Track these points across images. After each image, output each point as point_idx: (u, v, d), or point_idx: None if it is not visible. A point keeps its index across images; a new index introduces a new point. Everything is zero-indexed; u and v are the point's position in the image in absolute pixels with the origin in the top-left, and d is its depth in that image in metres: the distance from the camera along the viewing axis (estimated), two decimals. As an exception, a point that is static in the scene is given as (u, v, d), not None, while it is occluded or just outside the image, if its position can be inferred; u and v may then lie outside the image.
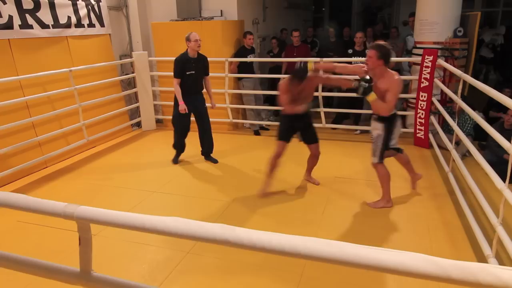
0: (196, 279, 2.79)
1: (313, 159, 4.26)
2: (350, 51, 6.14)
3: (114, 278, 1.40)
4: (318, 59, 5.81)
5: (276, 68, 6.96)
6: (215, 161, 5.13)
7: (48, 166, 5.10)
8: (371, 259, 0.80)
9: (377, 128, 3.57)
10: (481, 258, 2.80)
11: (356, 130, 6.19)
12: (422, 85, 5.29)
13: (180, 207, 4.00)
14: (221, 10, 6.43)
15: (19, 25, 4.82)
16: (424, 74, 5.24)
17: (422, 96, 5.32)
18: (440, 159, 4.61)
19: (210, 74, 5.02)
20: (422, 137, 5.43)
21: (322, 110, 5.91)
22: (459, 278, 0.78)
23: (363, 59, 5.99)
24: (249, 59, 6.21)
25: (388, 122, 3.56)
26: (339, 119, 6.44)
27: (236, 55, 6.29)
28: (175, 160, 5.15)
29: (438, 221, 3.47)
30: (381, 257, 0.81)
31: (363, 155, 5.21)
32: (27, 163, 4.65)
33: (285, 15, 9.14)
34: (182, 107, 4.66)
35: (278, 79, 6.41)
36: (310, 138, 4.11)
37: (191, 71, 4.71)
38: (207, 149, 5.17)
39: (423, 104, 5.33)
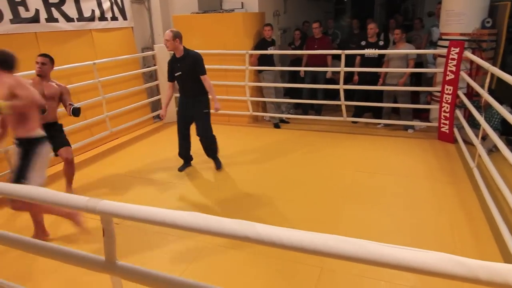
0: (215, 269, 2.83)
1: (66, 166, 3.95)
2: (363, 43, 6.03)
3: (137, 267, 1.44)
4: (339, 51, 5.74)
5: (297, 60, 6.90)
6: (217, 166, 4.65)
7: (74, 156, 5.22)
8: (395, 259, 0.80)
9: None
10: (507, 257, 2.73)
11: (379, 123, 6.09)
12: (447, 78, 5.15)
13: (199, 200, 4.04)
14: (241, 2, 6.40)
15: (45, 19, 4.93)
16: (450, 67, 5.09)
17: (447, 89, 5.18)
18: (465, 154, 4.50)
19: (231, 66, 4.96)
20: (447, 131, 5.30)
21: (343, 103, 5.84)
22: (487, 279, 0.76)
23: (376, 51, 5.89)
24: (269, 51, 6.17)
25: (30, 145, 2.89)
26: (359, 112, 6.35)
27: (256, 47, 6.26)
28: (180, 168, 4.68)
29: (462, 217, 3.39)
30: (405, 256, 0.80)
31: (385, 149, 5.14)
32: (52, 154, 4.77)
33: (306, 7, 9.02)
34: (161, 113, 4.47)
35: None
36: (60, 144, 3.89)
37: (178, 72, 4.31)
38: (207, 154, 4.68)
39: (448, 98, 5.19)
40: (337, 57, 6.90)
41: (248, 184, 4.26)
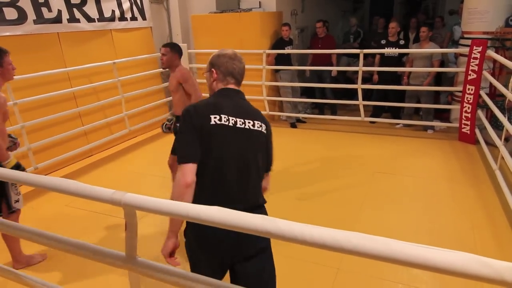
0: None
1: None
2: (383, 41, 5.95)
3: (157, 264, 1.45)
4: (358, 50, 5.68)
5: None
6: None
7: (93, 154, 5.33)
8: (419, 258, 0.78)
9: None
10: (531, 261, 2.65)
11: (398, 123, 6.00)
12: (469, 77, 5.03)
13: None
14: (259, 2, 6.41)
15: (67, 19, 5.04)
16: (472, 66, 4.97)
17: (469, 89, 5.07)
18: (487, 156, 4.38)
19: (248, 66, 4.96)
20: (468, 132, 5.18)
21: (360, 103, 5.78)
22: (514, 281, 0.74)
23: (396, 50, 5.80)
24: (286, 51, 6.16)
25: None
26: (378, 112, 6.27)
27: (273, 47, 6.25)
28: None
29: (483, 219, 3.31)
30: (429, 255, 0.78)
31: (405, 149, 5.06)
32: (74, 151, 4.89)
33: (324, 6, 8.95)
34: None
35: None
36: None
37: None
38: None
39: (470, 98, 5.07)
40: (354, 56, 6.85)
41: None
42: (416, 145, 5.20)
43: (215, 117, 1.67)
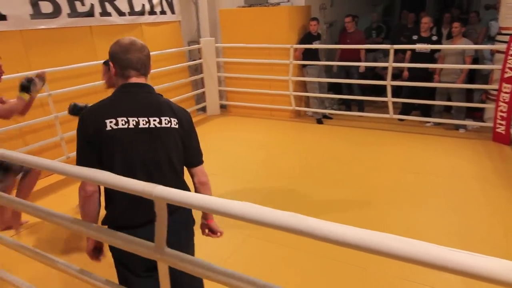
0: (255, 262, 2.85)
1: None
2: (414, 37, 5.77)
3: (185, 255, 1.47)
4: (388, 46, 5.54)
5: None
6: None
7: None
8: (460, 264, 0.75)
9: None
10: None
11: (428, 122, 5.83)
12: (506, 75, 4.82)
13: (243, 191, 4.07)
14: (288, -4, 6.35)
15: (99, 13, 5.15)
16: (509, 63, 4.76)
17: (505, 87, 4.86)
18: (523, 157, 4.21)
19: (275, 61, 4.96)
20: (503, 132, 4.98)
21: (389, 100, 5.65)
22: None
23: (428, 46, 5.61)
24: (314, 46, 6.08)
25: None
26: (407, 110, 6.11)
27: (301, 41, 6.19)
28: None
29: (517, 224, 3.19)
30: (470, 262, 0.75)
31: (435, 149, 4.92)
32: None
33: (354, 0, 8.78)
34: None
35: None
36: None
37: None
38: None
39: (506, 97, 4.86)
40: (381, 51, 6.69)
41: (289, 180, 4.24)
42: (447, 145, 5.04)
43: (110, 122, 1.55)
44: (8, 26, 4.17)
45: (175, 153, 1.68)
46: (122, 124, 1.56)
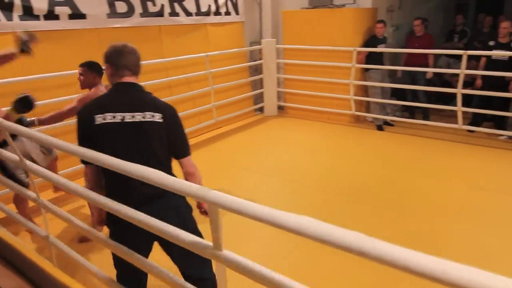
0: (306, 271, 2.81)
1: None
2: (491, 43, 5.33)
3: (242, 259, 1.48)
4: (461, 51, 5.19)
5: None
6: None
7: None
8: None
9: None
10: None
11: (502, 135, 5.38)
12: None
13: (296, 196, 4.04)
14: (354, -2, 6.19)
15: (169, 13, 5.38)
16: None
17: None
18: None
19: (337, 63, 4.85)
20: None
21: (459, 109, 5.28)
22: None
23: (507, 53, 5.15)
24: (379, 49, 5.87)
25: None
26: (478, 120, 5.68)
27: (365, 44, 6.00)
28: None
29: None
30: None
31: (508, 164, 4.53)
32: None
33: (423, 2, 8.34)
34: None
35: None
36: None
37: None
38: None
39: None
40: (454, 57, 6.30)
41: (347, 188, 4.12)
42: (523, 161, 4.63)
43: (99, 117, 1.79)
44: (87, 24, 4.49)
45: (157, 143, 1.86)
46: (110, 119, 1.80)
